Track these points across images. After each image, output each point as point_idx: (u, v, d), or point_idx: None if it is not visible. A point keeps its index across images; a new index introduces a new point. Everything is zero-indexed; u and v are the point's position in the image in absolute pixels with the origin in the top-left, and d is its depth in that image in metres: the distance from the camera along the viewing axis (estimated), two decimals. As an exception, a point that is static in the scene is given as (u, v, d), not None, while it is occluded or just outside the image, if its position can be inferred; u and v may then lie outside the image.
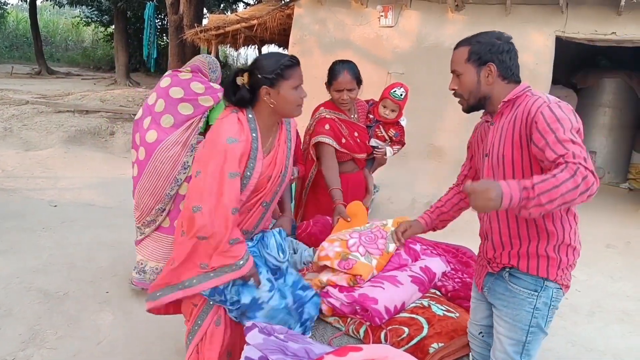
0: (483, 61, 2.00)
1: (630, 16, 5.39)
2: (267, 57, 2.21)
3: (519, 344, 2.00)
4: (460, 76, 2.07)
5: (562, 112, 1.81)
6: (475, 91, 2.05)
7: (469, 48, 2.04)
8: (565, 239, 1.92)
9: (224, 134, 2.08)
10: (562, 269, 1.95)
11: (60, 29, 28.21)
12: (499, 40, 2.02)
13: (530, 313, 1.96)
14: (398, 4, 6.34)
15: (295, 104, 2.20)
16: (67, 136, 8.55)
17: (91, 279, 3.93)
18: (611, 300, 4.34)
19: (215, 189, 2.04)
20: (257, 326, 2.11)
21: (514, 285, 1.98)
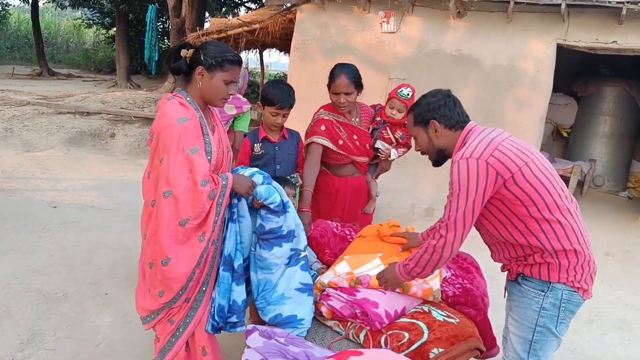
0: (426, 121, 2.24)
1: (631, 25, 5.42)
2: (216, 45, 2.29)
3: (526, 342, 2.11)
4: (416, 138, 2.34)
5: (465, 172, 2.01)
6: (431, 147, 2.29)
7: (413, 113, 2.30)
8: (555, 246, 2.03)
9: (173, 117, 2.15)
10: (565, 271, 2.03)
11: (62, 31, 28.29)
12: (435, 98, 2.24)
13: (537, 312, 2.07)
14: (400, 10, 6.36)
15: (220, 95, 2.28)
16: (68, 137, 8.54)
17: (90, 281, 3.93)
18: (610, 308, 4.34)
19: (184, 168, 2.10)
20: (257, 329, 2.11)
21: (524, 286, 2.13)
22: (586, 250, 2.08)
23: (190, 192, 2.11)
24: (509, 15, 5.78)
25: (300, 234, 2.44)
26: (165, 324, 2.31)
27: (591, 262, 2.09)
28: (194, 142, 2.14)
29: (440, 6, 6.06)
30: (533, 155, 2.07)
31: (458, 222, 2.02)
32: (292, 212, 2.39)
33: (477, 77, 6.11)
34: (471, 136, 2.12)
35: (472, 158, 1.99)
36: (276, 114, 3.02)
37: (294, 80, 7.13)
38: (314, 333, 2.45)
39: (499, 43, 5.99)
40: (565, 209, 2.06)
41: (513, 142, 2.08)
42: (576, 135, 8.40)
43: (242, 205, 2.31)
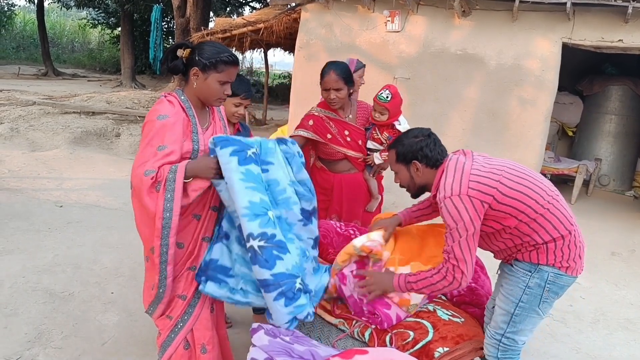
0: (408, 160, 2.38)
1: (637, 24, 5.39)
2: (211, 45, 2.29)
3: (507, 315, 2.28)
4: (397, 173, 2.47)
5: (455, 211, 2.15)
6: (412, 184, 2.44)
7: (395, 151, 2.43)
8: (545, 238, 2.21)
9: (155, 114, 2.20)
10: (553, 253, 2.21)
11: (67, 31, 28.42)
12: (417, 139, 2.38)
13: (522, 290, 2.25)
14: (405, 10, 6.35)
15: (215, 96, 2.28)
16: (73, 137, 8.58)
17: (96, 280, 3.95)
18: (615, 308, 4.32)
19: (148, 162, 2.12)
20: (262, 328, 2.12)
21: (514, 266, 2.31)
22: (573, 231, 2.23)
23: (142, 184, 2.13)
24: (514, 14, 5.77)
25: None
26: (164, 319, 2.33)
27: (577, 242, 2.25)
28: (165, 139, 2.14)
29: (445, 5, 6.05)
30: (502, 167, 2.24)
31: (466, 256, 2.19)
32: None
33: (482, 76, 6.10)
34: (445, 172, 2.27)
35: (454, 196, 2.16)
36: (239, 104, 3.02)
37: (298, 79, 7.14)
38: (319, 331, 2.46)
39: (504, 42, 5.98)
40: (547, 201, 2.21)
41: (481, 164, 2.25)
42: (582, 134, 8.37)
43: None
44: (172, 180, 2.09)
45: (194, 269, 2.32)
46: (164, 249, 2.16)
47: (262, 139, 2.39)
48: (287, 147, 2.44)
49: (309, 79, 6.91)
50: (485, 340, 2.36)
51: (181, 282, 2.30)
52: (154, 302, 2.29)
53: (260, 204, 2.12)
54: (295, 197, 2.37)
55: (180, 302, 2.30)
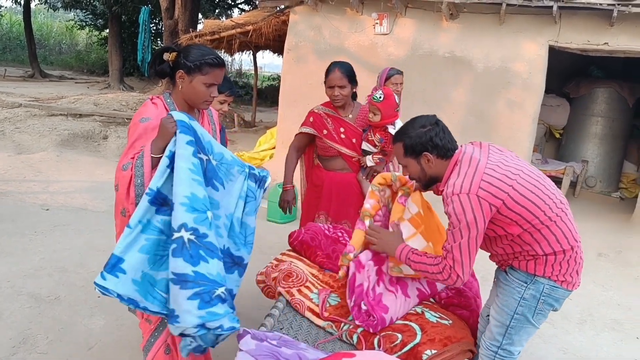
0: (418, 152, 2.23)
1: (622, 27, 5.45)
2: (197, 48, 2.29)
3: (503, 327, 2.25)
4: (406, 167, 2.32)
5: (460, 209, 2.06)
6: (422, 176, 2.30)
7: (402, 144, 2.27)
8: (546, 250, 2.14)
9: (138, 116, 2.22)
10: (551, 266, 2.15)
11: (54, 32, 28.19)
12: (424, 128, 2.22)
13: (517, 301, 2.21)
14: (393, 12, 6.38)
15: (201, 98, 2.27)
16: (60, 140, 8.51)
17: (83, 284, 3.91)
18: (602, 308, 4.36)
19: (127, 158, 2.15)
20: (249, 332, 2.10)
21: (510, 275, 2.26)
22: (575, 247, 2.17)
23: (121, 180, 2.15)
24: (501, 17, 5.81)
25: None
26: (145, 323, 2.32)
27: (577, 258, 2.19)
28: (147, 142, 2.16)
29: (432, 8, 6.09)
30: (518, 171, 2.12)
31: (464, 258, 2.11)
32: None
33: (470, 78, 6.13)
34: (457, 167, 2.16)
35: (462, 194, 2.05)
36: (223, 102, 3.07)
37: (287, 81, 7.14)
38: (306, 334, 2.45)
39: (491, 45, 6.02)
40: (556, 214, 2.12)
41: (497, 164, 2.12)
42: (569, 136, 8.44)
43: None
44: (140, 165, 2.12)
45: None
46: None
47: (236, 160, 2.27)
48: (256, 187, 2.31)
49: (298, 81, 6.92)
50: (481, 351, 2.33)
51: None
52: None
53: (202, 200, 1.97)
54: (224, 232, 2.19)
55: None
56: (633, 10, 5.13)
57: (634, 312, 4.34)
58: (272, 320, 2.45)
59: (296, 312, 2.64)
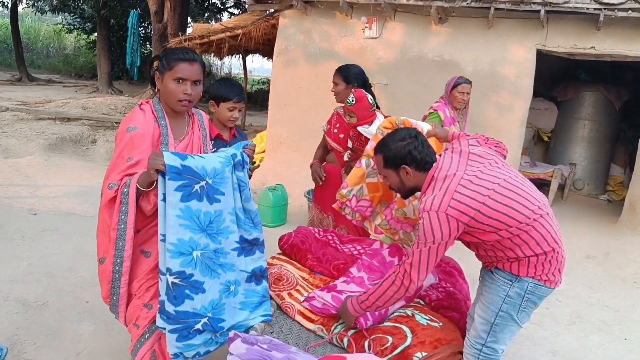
0: (397, 165, 2.35)
1: (608, 31, 5.51)
2: (172, 49, 2.30)
3: (488, 324, 2.29)
4: (386, 177, 2.44)
5: (429, 226, 2.14)
6: (402, 187, 2.41)
7: (382, 156, 2.39)
8: (527, 253, 2.18)
9: (125, 125, 2.21)
10: (534, 267, 2.21)
11: (42, 36, 27.95)
12: (404, 142, 2.33)
13: (502, 299, 2.25)
14: (382, 16, 6.40)
15: (174, 97, 2.22)
16: (48, 144, 8.44)
17: (71, 289, 3.87)
18: (591, 310, 4.39)
19: (112, 171, 2.17)
20: (239, 336, 2.09)
21: (495, 275, 2.31)
22: (557, 248, 2.21)
23: (105, 196, 2.17)
24: (489, 21, 5.85)
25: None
26: (132, 327, 2.31)
27: (559, 257, 2.24)
28: (133, 151, 2.17)
29: (421, 12, 6.12)
30: (494, 184, 2.15)
31: (422, 267, 2.17)
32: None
33: (459, 82, 6.15)
34: (432, 183, 2.24)
35: (432, 211, 2.13)
36: (233, 109, 3.04)
37: (277, 85, 7.13)
38: (297, 338, 2.45)
39: (480, 48, 6.06)
40: (534, 219, 2.16)
41: (471, 178, 2.16)
42: (557, 139, 8.51)
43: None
44: (126, 193, 2.12)
45: None
46: (118, 259, 2.20)
47: (224, 162, 2.28)
48: (244, 174, 2.36)
49: (288, 84, 6.92)
50: (465, 350, 2.35)
51: (150, 292, 2.28)
52: (111, 309, 2.33)
53: (188, 242, 2.11)
54: (234, 226, 2.31)
55: (145, 311, 2.27)
56: (619, 15, 5.19)
57: (622, 313, 4.37)
58: (262, 324, 2.44)
59: (287, 316, 2.64)
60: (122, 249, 2.18)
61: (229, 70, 26.19)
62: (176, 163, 2.07)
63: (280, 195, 6.08)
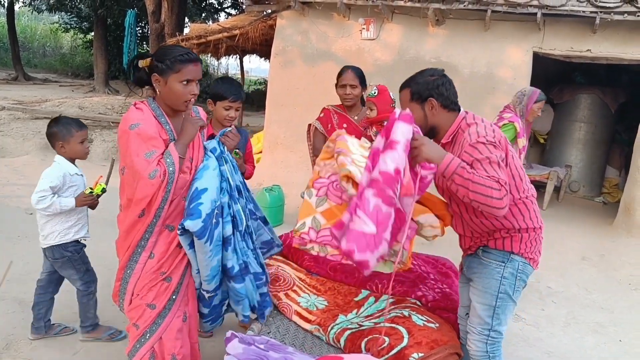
0: (424, 98, 2.32)
1: (604, 34, 5.54)
2: (168, 48, 2.28)
3: (490, 308, 2.32)
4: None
5: (491, 134, 2.18)
6: (424, 124, 2.33)
7: (409, 89, 2.36)
8: (521, 225, 2.29)
9: (126, 124, 2.19)
10: (524, 243, 2.31)
11: (38, 35, 27.86)
12: (433, 77, 2.34)
13: (499, 281, 2.30)
14: (380, 17, 6.42)
15: (181, 98, 2.24)
16: (44, 143, 8.39)
17: (68, 288, 3.84)
18: (586, 311, 4.41)
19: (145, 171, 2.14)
20: (237, 336, 2.10)
21: (485, 259, 2.35)
22: (542, 227, 2.37)
23: (144, 188, 2.15)
24: (486, 24, 5.87)
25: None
26: (132, 327, 2.31)
27: (541, 236, 2.38)
28: (148, 145, 2.15)
29: (419, 14, 6.14)
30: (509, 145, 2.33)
31: (502, 174, 2.06)
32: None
33: (456, 84, 6.06)
34: (472, 123, 2.29)
35: (487, 123, 2.27)
36: (229, 108, 3.02)
37: (274, 86, 7.14)
38: (293, 338, 2.46)
39: (477, 50, 6.08)
40: (529, 192, 2.34)
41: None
42: (553, 141, 8.54)
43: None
44: (172, 172, 2.16)
45: (169, 281, 2.29)
46: (147, 235, 2.26)
47: (215, 168, 2.38)
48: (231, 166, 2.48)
49: (285, 85, 6.92)
50: (472, 337, 2.36)
51: (153, 291, 2.28)
52: (121, 287, 2.35)
53: (217, 266, 2.35)
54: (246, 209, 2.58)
55: (148, 311, 2.27)
56: (615, 18, 5.22)
57: (617, 315, 4.39)
58: (259, 324, 2.45)
59: (283, 316, 2.65)
60: (154, 225, 2.24)
61: (226, 71, 26.16)
62: (197, 226, 2.18)
63: (277, 195, 6.09)
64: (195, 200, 2.21)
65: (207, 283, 2.37)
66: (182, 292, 2.35)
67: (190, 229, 2.16)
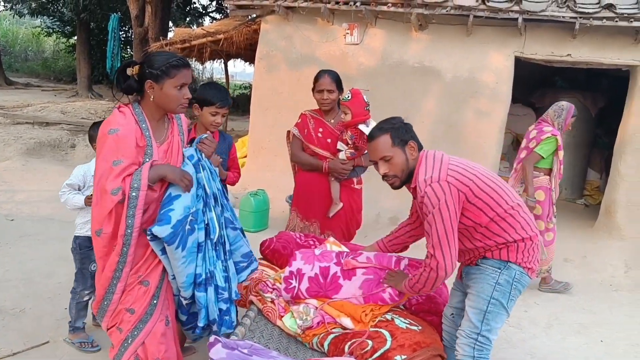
0: (406, 141, 2.39)
1: (584, 39, 5.63)
2: (158, 55, 2.29)
3: (481, 313, 2.34)
4: (390, 160, 2.39)
5: (434, 195, 2.22)
6: (406, 168, 2.40)
7: (390, 134, 2.39)
8: (515, 237, 2.31)
9: (106, 128, 2.19)
10: (522, 252, 2.32)
11: (20, 39, 27.52)
12: (402, 122, 2.46)
13: (492, 286, 2.32)
14: (363, 22, 6.45)
15: (176, 102, 2.27)
16: (26, 148, 8.33)
17: (49, 295, 3.83)
18: (568, 313, 4.46)
19: (104, 178, 2.13)
20: (220, 341, 2.09)
21: (482, 265, 2.38)
22: (538, 235, 2.39)
23: (102, 202, 2.14)
24: (468, 29, 5.93)
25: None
26: (115, 331, 2.29)
27: (539, 246, 2.41)
28: (119, 153, 2.15)
29: (402, 19, 6.17)
30: (476, 167, 2.36)
31: (442, 241, 2.22)
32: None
33: (439, 88, 6.23)
34: (424, 163, 2.35)
35: (434, 182, 2.23)
36: (215, 113, 3.03)
37: (258, 90, 7.13)
38: (277, 343, 2.45)
39: (459, 55, 6.13)
40: (514, 205, 2.34)
41: (456, 160, 2.36)
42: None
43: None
44: (135, 197, 2.13)
45: (147, 284, 2.28)
46: (121, 265, 2.19)
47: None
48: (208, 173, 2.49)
49: (270, 89, 6.92)
50: (460, 341, 2.40)
51: (131, 295, 2.26)
52: (98, 314, 2.32)
53: (192, 273, 2.33)
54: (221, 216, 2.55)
55: (128, 315, 2.26)
56: (594, 23, 5.30)
57: (598, 316, 4.45)
58: (243, 329, 2.45)
59: (267, 321, 2.64)
60: (126, 254, 2.19)
61: (210, 75, 26.08)
62: (165, 232, 2.16)
63: (262, 200, 6.08)
64: (167, 206, 2.21)
65: (184, 290, 2.36)
66: (163, 297, 2.34)
67: (158, 235, 2.15)
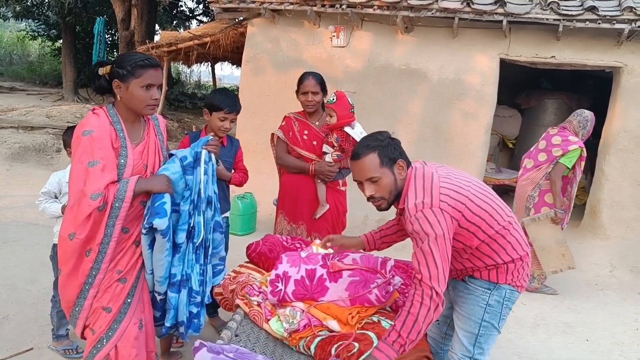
0: (394, 160, 2.19)
1: (568, 41, 5.68)
2: (128, 55, 2.30)
3: (472, 336, 2.26)
4: (378, 180, 2.18)
5: (427, 223, 2.05)
6: (394, 189, 2.21)
7: (377, 152, 2.17)
8: (505, 259, 2.20)
9: (80, 130, 2.19)
10: (511, 273, 2.22)
11: (5, 43, 27.24)
12: (390, 138, 2.24)
13: (483, 309, 2.22)
14: (350, 25, 6.46)
15: (143, 102, 2.26)
16: (10, 153, 8.24)
17: (33, 301, 3.78)
18: (554, 313, 4.49)
19: (80, 180, 2.12)
20: (205, 345, 2.08)
21: (471, 284, 2.28)
22: (529, 252, 2.28)
23: (79, 206, 2.11)
24: (454, 31, 5.96)
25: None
26: (87, 331, 2.28)
27: (529, 262, 2.31)
28: (94, 154, 2.13)
29: (388, 21, 6.20)
30: (468, 185, 2.18)
31: (439, 269, 2.02)
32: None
33: (425, 90, 6.26)
34: (413, 183, 2.16)
35: (425, 209, 2.06)
36: (224, 119, 3.13)
37: (245, 93, 7.11)
38: (264, 346, 2.44)
39: (445, 57, 6.16)
40: (506, 224, 2.20)
41: (447, 176, 2.17)
42: (521, 145, 8.68)
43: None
44: (118, 208, 2.13)
45: (124, 282, 2.27)
46: (94, 272, 2.18)
47: (177, 175, 2.39)
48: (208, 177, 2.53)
49: (257, 92, 6.91)
50: None
51: (108, 293, 2.24)
52: (71, 319, 2.29)
53: (169, 266, 2.40)
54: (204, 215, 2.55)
55: (104, 315, 2.24)
56: (577, 26, 5.35)
57: (584, 315, 4.49)
58: (229, 332, 2.43)
59: (254, 324, 2.63)
60: (101, 262, 2.18)
61: (198, 78, 26.00)
62: (165, 224, 2.22)
63: (249, 203, 6.07)
64: (159, 200, 2.22)
65: (159, 284, 2.39)
66: (137, 296, 2.33)
67: (158, 227, 2.18)
